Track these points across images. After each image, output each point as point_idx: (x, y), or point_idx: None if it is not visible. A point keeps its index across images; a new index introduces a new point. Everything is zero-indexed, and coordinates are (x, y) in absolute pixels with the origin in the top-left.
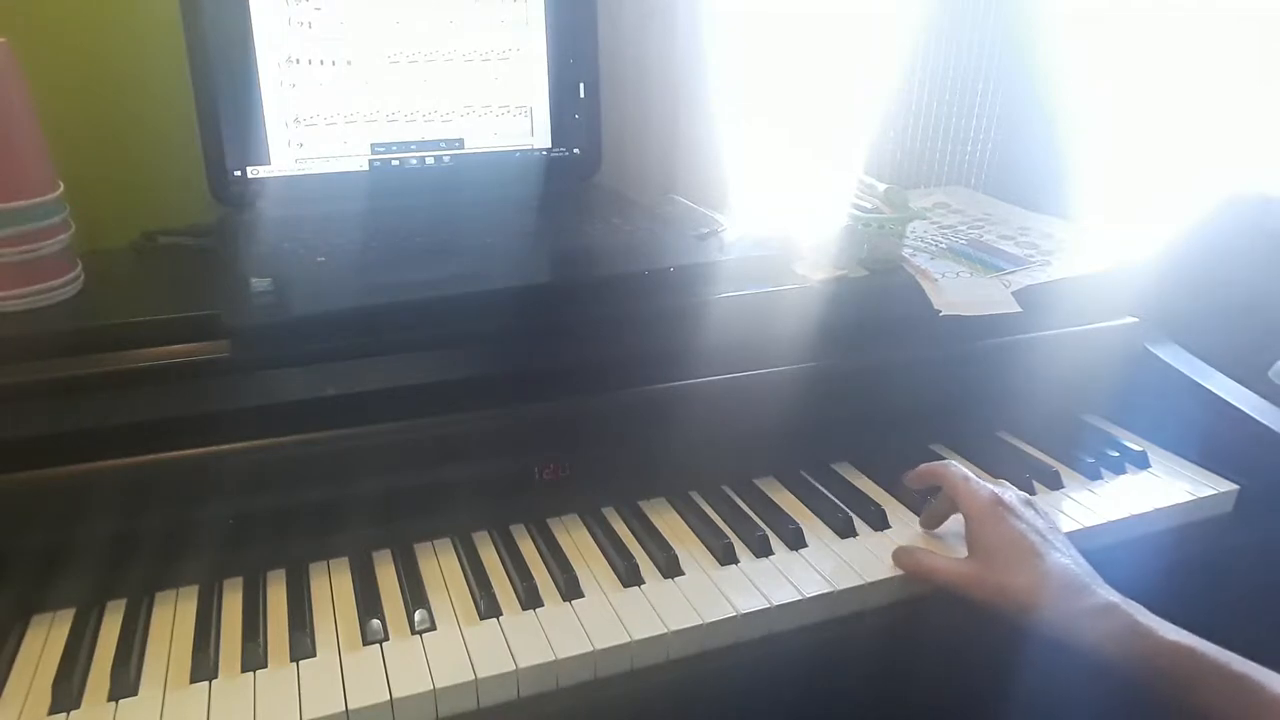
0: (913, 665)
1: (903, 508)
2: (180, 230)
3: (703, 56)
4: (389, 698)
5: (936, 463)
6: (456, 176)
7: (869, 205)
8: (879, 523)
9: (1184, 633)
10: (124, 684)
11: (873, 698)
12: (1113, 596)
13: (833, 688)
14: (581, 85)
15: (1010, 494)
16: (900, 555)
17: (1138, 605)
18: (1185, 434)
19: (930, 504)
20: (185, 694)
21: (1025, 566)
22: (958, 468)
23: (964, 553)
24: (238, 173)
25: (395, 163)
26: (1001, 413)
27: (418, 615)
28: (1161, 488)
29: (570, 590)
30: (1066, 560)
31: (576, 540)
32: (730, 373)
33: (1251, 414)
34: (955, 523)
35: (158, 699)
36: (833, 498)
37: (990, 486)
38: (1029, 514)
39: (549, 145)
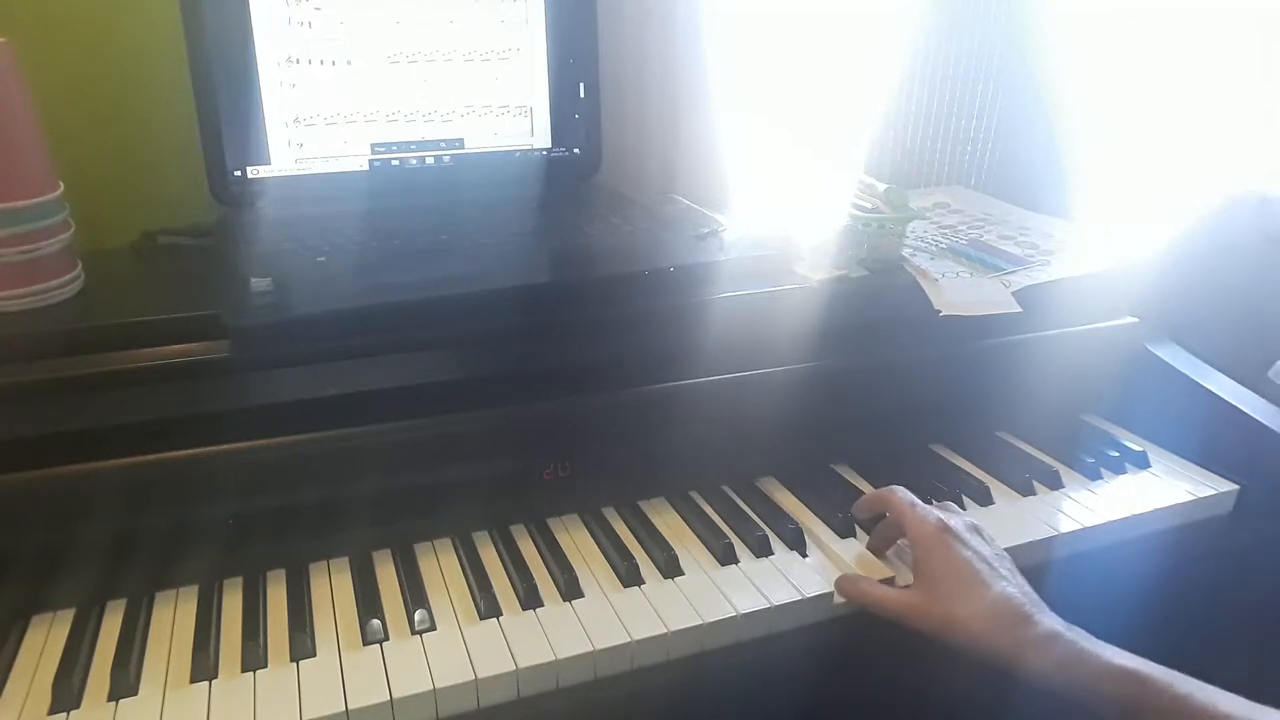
0: (913, 665)
1: None
2: (180, 230)
3: (703, 56)
4: (389, 698)
5: (882, 489)
6: (456, 176)
7: (869, 205)
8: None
9: (1129, 656)
10: (124, 684)
11: (873, 697)
12: (1057, 624)
13: (833, 688)
14: (581, 85)
15: (956, 520)
16: (844, 583)
17: (1082, 631)
18: (1185, 434)
19: (877, 528)
20: (185, 694)
21: (970, 597)
22: (904, 493)
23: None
24: (238, 173)
25: (395, 163)
26: (1001, 413)
27: (418, 615)
28: (1161, 488)
29: (570, 590)
30: (1012, 589)
31: (576, 540)
32: (730, 373)
33: (1251, 414)
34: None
35: (158, 699)
36: (833, 498)
37: (937, 513)
38: (975, 541)
39: (549, 145)
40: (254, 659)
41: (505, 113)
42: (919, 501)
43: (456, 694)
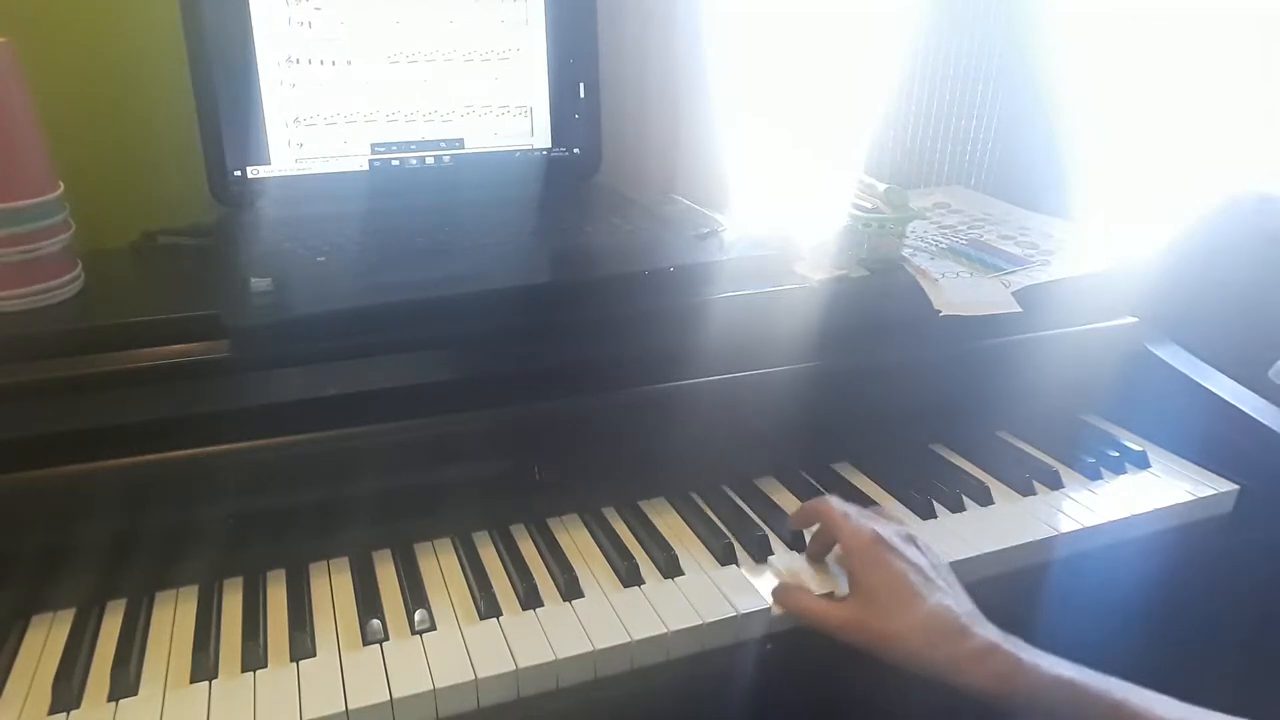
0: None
1: (903, 508)
2: (180, 230)
3: (703, 56)
4: (389, 698)
5: (815, 500)
6: (456, 176)
7: (869, 205)
8: None
9: (1066, 665)
10: (124, 684)
11: (873, 697)
12: (993, 636)
13: (833, 687)
14: (581, 85)
15: (890, 530)
16: (780, 594)
17: (1020, 641)
18: (1185, 434)
19: (812, 539)
20: (185, 694)
21: (906, 611)
22: (838, 504)
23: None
24: (238, 173)
25: (395, 163)
26: (1001, 413)
27: (418, 615)
28: (1161, 488)
29: (570, 590)
30: (948, 601)
31: (576, 540)
32: (730, 373)
33: (1251, 414)
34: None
35: (158, 699)
36: None
37: (870, 524)
38: (910, 551)
39: (549, 145)
40: (254, 659)
41: (505, 113)
42: (852, 511)
43: (456, 694)
